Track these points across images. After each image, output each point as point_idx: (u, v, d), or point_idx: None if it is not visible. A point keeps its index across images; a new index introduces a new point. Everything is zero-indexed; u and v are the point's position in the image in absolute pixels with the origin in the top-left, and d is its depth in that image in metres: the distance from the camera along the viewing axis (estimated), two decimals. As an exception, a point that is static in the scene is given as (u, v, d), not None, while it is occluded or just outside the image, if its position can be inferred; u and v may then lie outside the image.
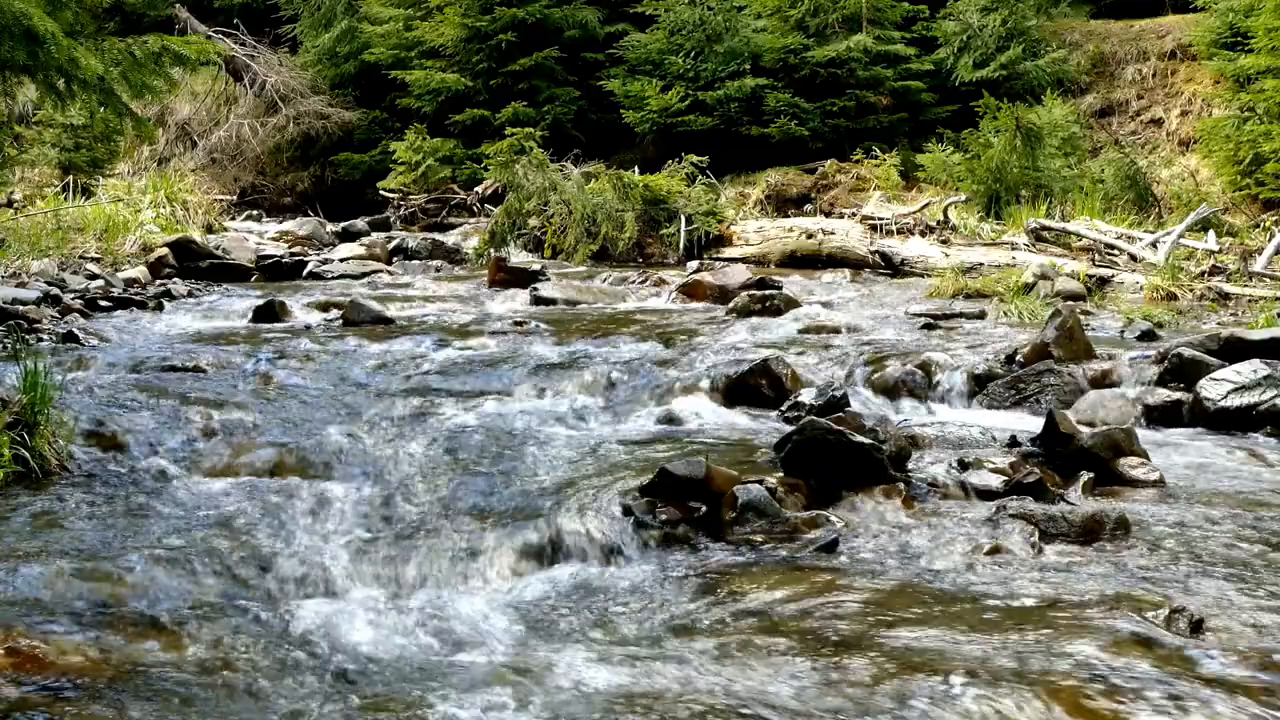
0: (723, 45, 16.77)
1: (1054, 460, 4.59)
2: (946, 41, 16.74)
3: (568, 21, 18.22)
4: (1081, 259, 10.70)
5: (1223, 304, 8.87)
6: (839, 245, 12.15)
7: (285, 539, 3.81)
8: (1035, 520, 3.89)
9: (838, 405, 5.27)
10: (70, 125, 14.85)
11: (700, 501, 3.98)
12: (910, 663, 2.91)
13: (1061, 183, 13.14)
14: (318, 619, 3.24)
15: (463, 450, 4.90)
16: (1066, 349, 6.28)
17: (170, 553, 3.60)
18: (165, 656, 3.00)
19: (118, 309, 8.88)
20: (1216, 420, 5.37)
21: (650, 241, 12.85)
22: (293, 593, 3.43)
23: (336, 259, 12.60)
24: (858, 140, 15.95)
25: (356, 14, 20.31)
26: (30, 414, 4.44)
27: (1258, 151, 12.49)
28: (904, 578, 3.55)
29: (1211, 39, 14.40)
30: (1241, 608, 3.26)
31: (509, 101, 17.54)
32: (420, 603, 3.41)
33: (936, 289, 9.81)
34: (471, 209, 16.56)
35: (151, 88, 7.24)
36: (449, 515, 4.06)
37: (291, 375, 6.30)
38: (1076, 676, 2.78)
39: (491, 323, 8.36)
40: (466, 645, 3.13)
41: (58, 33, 5.90)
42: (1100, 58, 16.99)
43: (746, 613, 3.30)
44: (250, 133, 20.00)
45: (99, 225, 11.78)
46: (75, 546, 3.64)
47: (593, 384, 6.12)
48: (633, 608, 3.39)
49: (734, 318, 8.44)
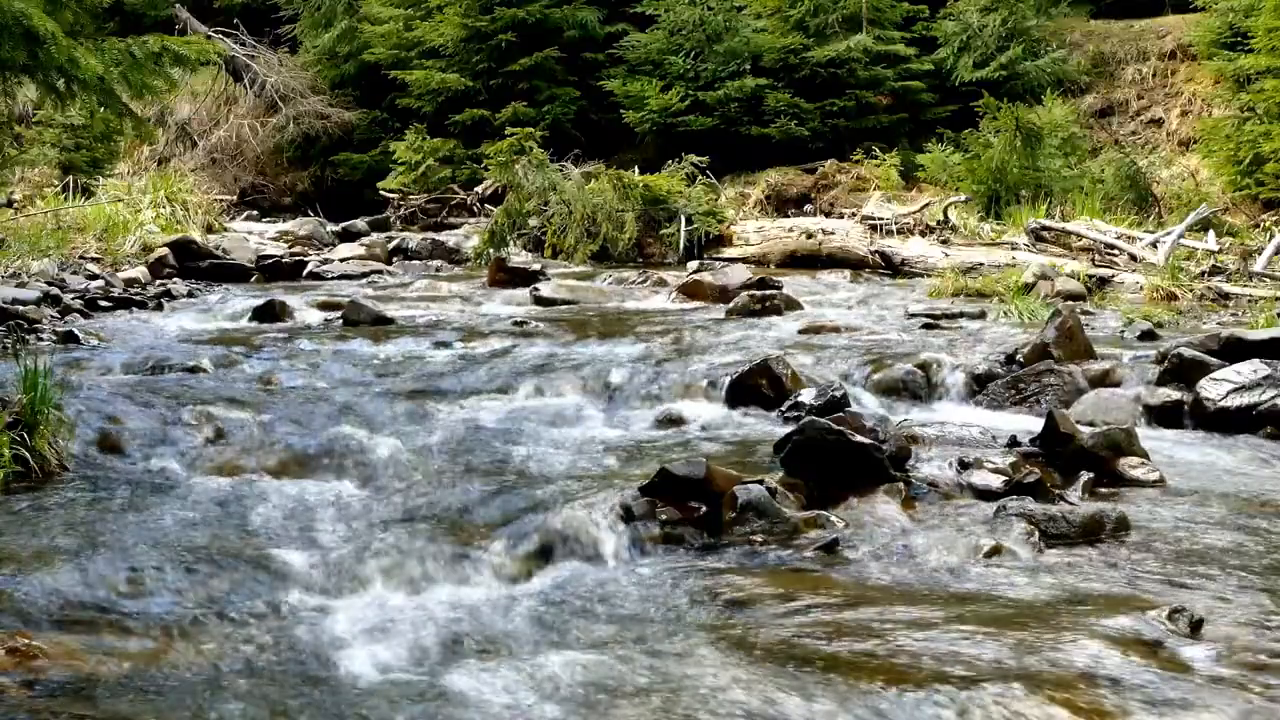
0: (723, 45, 16.77)
1: (1054, 460, 4.59)
2: (946, 41, 16.73)
3: (568, 21, 18.21)
4: (1081, 259, 10.70)
5: (1223, 304, 8.87)
6: (839, 245, 12.15)
7: (285, 538, 3.81)
8: (1035, 520, 3.89)
9: (838, 405, 5.27)
10: (70, 125, 14.80)
11: (700, 501, 3.98)
12: (911, 663, 2.91)
13: (1061, 183, 13.13)
14: (318, 618, 3.24)
15: (462, 450, 4.91)
16: (1066, 349, 6.28)
17: (170, 552, 3.60)
18: (166, 656, 3.00)
19: (118, 309, 8.89)
20: (1216, 420, 5.37)
21: (650, 241, 12.85)
22: (293, 592, 3.43)
23: (336, 259, 12.60)
24: (858, 140, 15.94)
25: (356, 14, 20.29)
26: (30, 414, 4.44)
27: (1258, 151, 12.48)
28: (904, 578, 3.56)
29: (1211, 39, 14.39)
30: (1242, 607, 3.26)
31: (509, 101, 17.53)
32: (420, 602, 3.41)
33: (936, 289, 9.82)
34: (471, 209, 16.54)
35: (151, 88, 7.23)
36: (449, 515, 4.06)
37: (292, 375, 6.30)
38: (1077, 676, 2.79)
39: (491, 323, 8.36)
40: (466, 644, 3.13)
41: (58, 33, 5.89)
42: (1100, 58, 16.98)
43: (747, 613, 3.30)
44: (250, 133, 19.99)
45: (99, 225, 11.77)
46: (75, 546, 3.64)
47: (592, 384, 6.12)
48: (633, 607, 3.38)
49: (734, 318, 8.44)
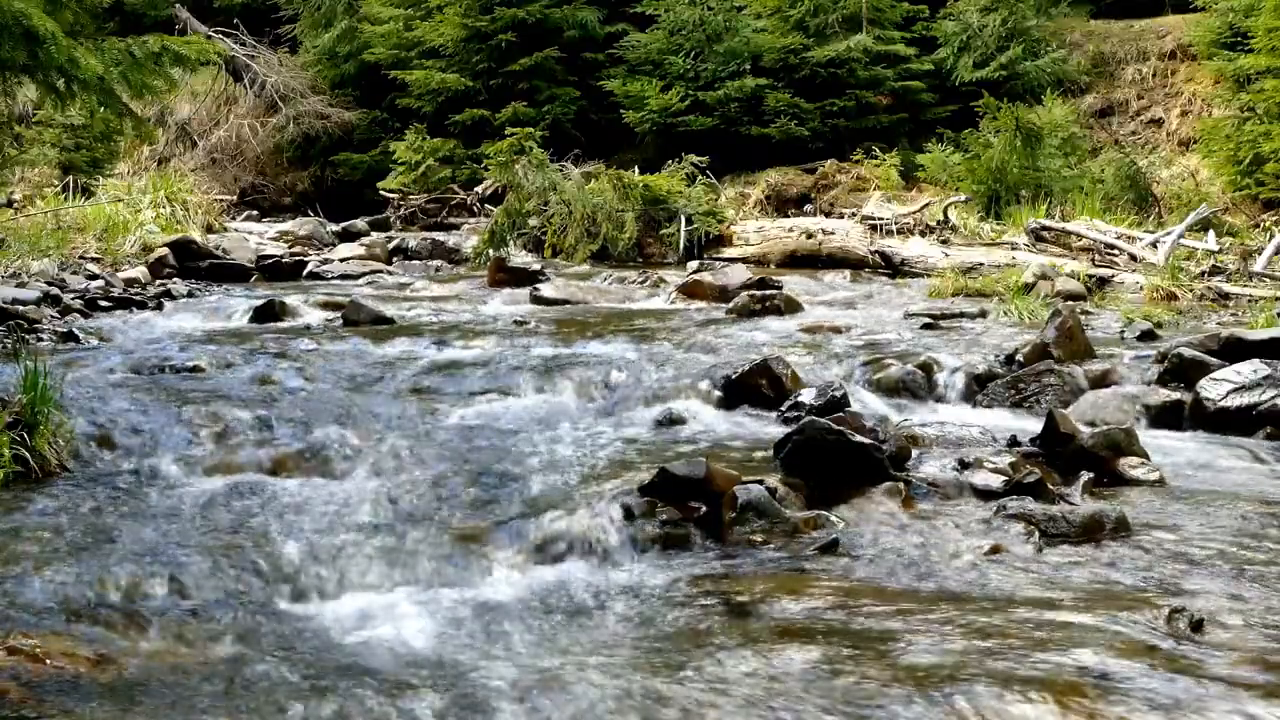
0: (723, 45, 16.77)
1: (1054, 460, 4.59)
2: (946, 41, 16.73)
3: (568, 21, 18.21)
4: (1081, 259, 10.69)
5: (1223, 304, 8.86)
6: (839, 245, 12.15)
7: (285, 538, 3.81)
8: (1035, 520, 3.89)
9: (838, 405, 5.27)
10: (70, 125, 14.80)
11: (700, 501, 3.98)
12: (910, 663, 2.91)
13: (1061, 183, 13.13)
14: (319, 617, 3.24)
15: (462, 450, 4.91)
16: (1066, 349, 6.28)
17: (170, 552, 3.60)
18: (166, 655, 3.00)
19: (118, 309, 8.88)
20: (1216, 420, 5.36)
21: (650, 241, 12.85)
22: (293, 591, 3.43)
23: (336, 259, 12.59)
24: (858, 140, 15.94)
25: (356, 14, 20.29)
26: (30, 414, 4.44)
27: (1258, 151, 12.48)
28: (904, 577, 3.56)
29: (1211, 39, 14.39)
30: (1242, 607, 3.26)
31: (509, 101, 17.52)
32: (420, 602, 3.41)
33: (936, 289, 9.81)
34: (471, 209, 16.53)
35: (151, 88, 7.22)
36: (448, 515, 4.06)
37: (292, 375, 6.30)
38: (1077, 676, 2.79)
39: (492, 323, 8.35)
40: (466, 643, 3.13)
41: (58, 33, 5.89)
42: (1100, 58, 16.98)
43: (746, 613, 3.30)
44: (250, 133, 19.99)
45: (99, 225, 11.75)
46: (75, 546, 3.64)
47: (592, 384, 6.12)
48: (632, 607, 3.39)
49: (734, 318, 8.44)
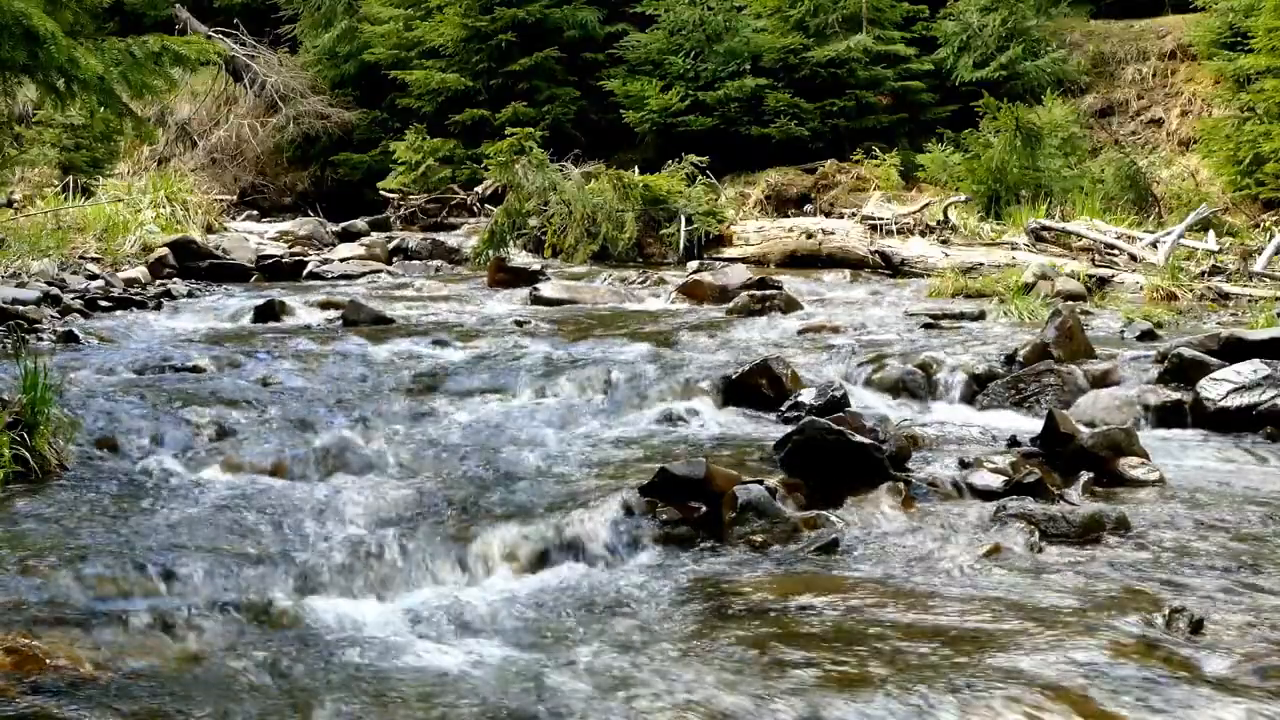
0: (723, 45, 16.78)
1: (1054, 460, 4.58)
2: (946, 41, 16.74)
3: (568, 21, 18.21)
4: (1081, 259, 10.69)
5: (1223, 304, 8.87)
6: (839, 245, 12.15)
7: (285, 538, 3.81)
8: (1035, 520, 3.89)
9: (838, 405, 5.27)
10: (70, 125, 14.80)
11: (700, 501, 3.98)
12: (910, 663, 2.91)
13: (1061, 183, 13.14)
14: (319, 617, 3.24)
15: (462, 450, 4.91)
16: (1066, 349, 6.28)
17: (170, 552, 3.60)
18: (166, 656, 3.00)
19: (118, 309, 8.89)
20: (1217, 420, 5.36)
21: (650, 241, 12.85)
22: (293, 591, 3.43)
23: (336, 259, 12.60)
24: (858, 140, 15.95)
25: (356, 14, 20.29)
26: (30, 414, 4.44)
27: (1258, 151, 12.49)
28: (903, 578, 3.55)
29: (1211, 39, 14.40)
30: (1242, 608, 3.26)
31: (509, 101, 17.53)
32: (420, 601, 3.41)
33: (936, 289, 9.82)
34: (471, 209, 16.54)
35: (151, 88, 7.23)
36: (448, 515, 4.06)
37: (291, 375, 6.30)
38: (1076, 677, 2.79)
39: (491, 323, 8.36)
40: (465, 643, 3.13)
41: (58, 33, 5.89)
42: (1100, 58, 16.99)
43: (746, 612, 3.30)
44: (250, 133, 19.99)
45: (99, 225, 11.76)
46: (75, 546, 3.64)
47: (592, 384, 6.12)
48: (632, 607, 3.38)
49: (734, 318, 8.44)
